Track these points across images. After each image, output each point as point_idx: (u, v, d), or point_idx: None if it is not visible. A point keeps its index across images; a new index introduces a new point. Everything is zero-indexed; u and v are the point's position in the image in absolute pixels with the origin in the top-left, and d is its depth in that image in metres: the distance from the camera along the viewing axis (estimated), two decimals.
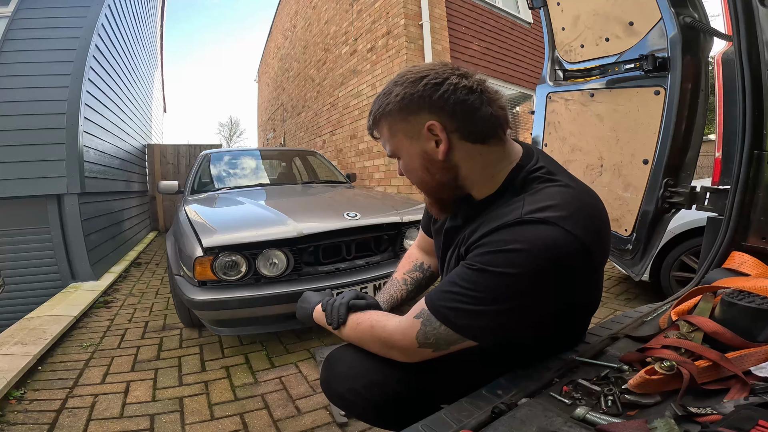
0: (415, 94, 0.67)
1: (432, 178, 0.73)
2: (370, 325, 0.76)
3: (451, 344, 0.67)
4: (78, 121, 3.42)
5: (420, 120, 0.68)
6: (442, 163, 0.70)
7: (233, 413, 1.46)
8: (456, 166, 0.71)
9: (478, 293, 0.62)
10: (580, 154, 1.75)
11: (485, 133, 0.69)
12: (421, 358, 0.69)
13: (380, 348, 0.74)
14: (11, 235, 3.43)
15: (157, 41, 9.04)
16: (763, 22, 1.08)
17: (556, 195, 0.65)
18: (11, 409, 1.49)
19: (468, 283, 0.64)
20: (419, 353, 0.69)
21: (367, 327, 0.76)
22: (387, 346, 0.72)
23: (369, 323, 0.76)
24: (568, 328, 0.80)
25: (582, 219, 0.63)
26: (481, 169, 0.71)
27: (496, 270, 0.61)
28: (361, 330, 0.77)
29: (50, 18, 3.66)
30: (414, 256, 1.07)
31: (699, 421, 0.48)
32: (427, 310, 0.67)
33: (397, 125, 0.71)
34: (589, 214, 0.66)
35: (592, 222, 0.65)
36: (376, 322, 0.75)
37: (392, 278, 1.05)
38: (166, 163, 7.10)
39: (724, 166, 1.25)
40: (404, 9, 4.77)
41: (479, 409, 0.59)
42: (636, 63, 1.45)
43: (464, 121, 0.67)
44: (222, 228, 1.86)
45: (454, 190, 0.74)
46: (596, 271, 0.72)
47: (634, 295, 2.65)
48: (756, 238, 1.11)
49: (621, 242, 1.59)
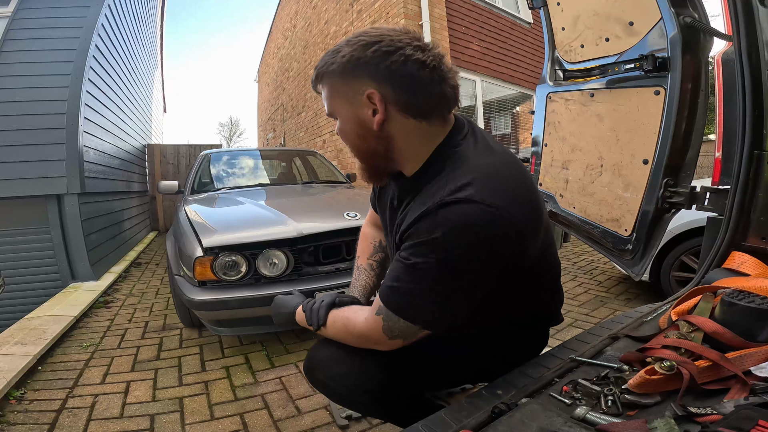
0: (361, 58, 0.65)
1: (364, 145, 0.72)
2: (344, 324, 0.76)
3: (416, 334, 0.68)
4: (78, 121, 3.41)
5: (361, 86, 0.66)
6: (376, 132, 0.69)
7: (233, 413, 1.46)
8: (390, 138, 0.69)
9: (417, 286, 0.65)
10: (580, 154, 1.75)
11: (428, 111, 0.67)
12: (397, 346, 0.71)
13: (359, 343, 0.75)
14: (11, 235, 3.43)
15: (157, 41, 9.04)
16: (763, 22, 1.08)
17: (475, 169, 0.65)
18: (11, 409, 1.49)
19: (406, 278, 0.65)
20: (393, 344, 0.70)
21: (341, 325, 0.77)
22: (363, 341, 0.74)
23: (342, 321, 0.77)
24: (531, 296, 0.80)
25: (502, 190, 0.63)
26: (416, 145, 0.70)
27: (427, 261, 0.62)
28: (338, 328, 0.78)
29: (50, 18, 3.66)
30: (371, 236, 1.06)
31: (699, 421, 0.48)
32: (383, 306, 0.68)
33: (338, 86, 0.69)
34: (509, 184, 0.66)
35: (513, 191, 0.65)
36: (347, 320, 0.76)
37: (357, 265, 1.03)
38: (166, 163, 7.09)
39: (724, 166, 1.25)
40: (404, 9, 4.77)
41: (479, 409, 0.59)
42: (636, 63, 1.45)
43: (407, 95, 0.65)
44: (222, 228, 1.86)
45: (387, 162, 0.73)
46: (534, 236, 0.70)
47: (634, 295, 2.65)
48: (756, 238, 1.11)
49: (621, 242, 1.59)
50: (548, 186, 1.92)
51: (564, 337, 1.96)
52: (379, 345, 0.72)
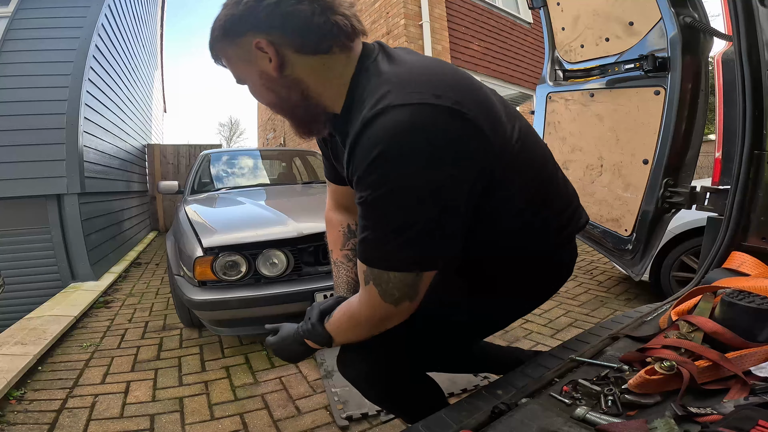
0: (236, 14, 0.63)
1: (278, 98, 0.69)
2: (347, 321, 0.73)
3: (417, 284, 0.62)
4: (78, 121, 3.42)
5: (247, 41, 0.64)
6: (279, 79, 0.66)
7: (233, 413, 1.46)
8: (299, 81, 0.66)
9: (385, 225, 0.59)
10: (580, 154, 1.75)
11: (322, 43, 0.63)
12: (410, 310, 0.66)
13: (372, 329, 0.71)
14: (11, 235, 3.43)
15: (157, 41, 9.03)
16: (763, 22, 1.08)
17: (389, 78, 0.61)
18: (11, 409, 1.49)
19: (371, 223, 0.60)
20: (403, 309, 0.65)
21: (346, 325, 0.74)
22: (374, 324, 0.69)
23: (345, 318, 0.73)
24: (530, 212, 0.73)
25: (424, 83, 0.58)
26: (327, 81, 0.67)
27: (379, 192, 0.57)
28: (345, 328, 0.75)
29: (50, 18, 3.66)
30: (336, 222, 0.98)
31: (699, 421, 0.48)
32: (368, 269, 0.63)
33: (230, 50, 0.67)
34: (430, 77, 0.60)
35: (438, 81, 0.60)
36: (346, 315, 0.73)
37: (333, 261, 0.97)
38: (166, 163, 7.09)
39: (724, 166, 1.25)
40: (404, 9, 4.78)
41: (479, 409, 0.59)
42: (636, 63, 1.45)
43: (294, 33, 0.62)
44: (222, 228, 1.86)
45: (307, 108, 0.69)
46: (494, 131, 0.62)
47: (634, 295, 2.65)
48: (756, 238, 1.11)
49: (621, 242, 1.59)
50: None
51: (564, 337, 1.96)
52: (392, 317, 0.66)
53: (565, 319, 2.26)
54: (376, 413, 1.38)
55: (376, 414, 1.38)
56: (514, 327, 2.17)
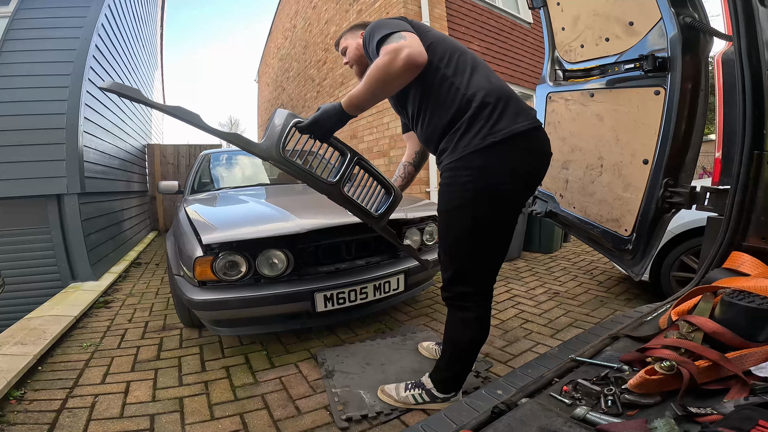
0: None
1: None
2: (370, 71, 1.08)
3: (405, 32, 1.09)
4: (78, 121, 3.41)
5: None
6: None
7: (233, 413, 1.46)
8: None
9: (384, 23, 1.15)
10: (580, 154, 1.75)
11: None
12: (422, 58, 1.06)
13: (384, 68, 1.06)
14: (11, 235, 3.42)
15: (157, 41, 9.03)
16: (763, 22, 1.08)
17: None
18: (11, 409, 1.49)
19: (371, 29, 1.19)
20: (417, 55, 1.04)
21: (368, 74, 1.09)
22: (385, 62, 1.05)
23: (368, 71, 1.09)
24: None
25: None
26: None
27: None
28: (366, 79, 1.09)
29: (50, 18, 3.66)
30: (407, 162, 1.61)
31: (699, 421, 0.48)
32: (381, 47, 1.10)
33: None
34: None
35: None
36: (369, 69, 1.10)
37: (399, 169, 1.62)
38: (166, 163, 7.09)
39: (724, 166, 1.25)
40: (404, 9, 4.77)
41: (479, 409, 0.59)
42: (636, 63, 1.45)
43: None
44: (222, 226, 1.85)
45: None
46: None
47: (634, 295, 2.65)
48: (756, 238, 1.11)
49: (621, 242, 1.59)
50: (548, 186, 1.92)
51: (564, 337, 1.96)
52: (397, 51, 1.04)
53: (565, 319, 2.26)
54: (375, 414, 1.38)
55: (376, 415, 1.38)
56: (514, 327, 2.17)
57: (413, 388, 1.41)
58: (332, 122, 1.15)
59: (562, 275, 3.24)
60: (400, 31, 1.08)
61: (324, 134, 1.19)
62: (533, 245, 4.19)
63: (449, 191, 1.15)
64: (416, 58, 1.02)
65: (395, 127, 4.86)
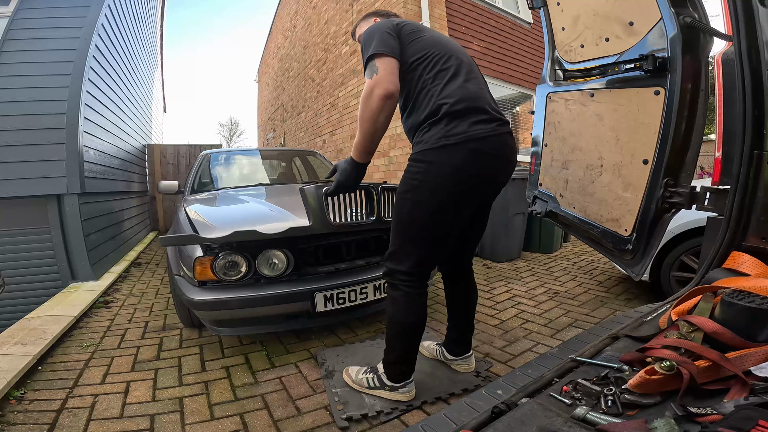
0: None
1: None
2: (360, 105, 1.21)
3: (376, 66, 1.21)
4: (78, 121, 3.41)
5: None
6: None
7: (233, 413, 1.46)
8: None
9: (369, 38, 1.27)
10: (580, 154, 1.74)
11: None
12: (381, 80, 1.18)
13: (367, 100, 1.19)
14: (11, 235, 3.42)
15: (157, 41, 9.03)
16: (763, 22, 1.08)
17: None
18: (11, 409, 1.49)
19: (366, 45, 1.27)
20: (386, 89, 1.18)
21: (359, 109, 1.22)
22: (367, 94, 1.19)
23: (359, 109, 1.23)
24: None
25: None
26: None
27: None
28: (359, 117, 1.23)
29: (50, 18, 3.65)
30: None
31: (699, 421, 0.48)
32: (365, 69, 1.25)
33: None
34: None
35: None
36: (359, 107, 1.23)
37: None
38: (166, 163, 7.09)
39: (724, 166, 1.25)
40: (404, 9, 4.77)
41: (479, 409, 0.59)
42: (636, 63, 1.45)
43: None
44: (222, 225, 1.85)
45: None
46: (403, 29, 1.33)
47: (634, 295, 2.65)
48: (756, 238, 1.11)
49: (621, 242, 1.59)
50: (548, 186, 1.92)
51: (564, 337, 1.96)
52: (374, 85, 1.18)
53: (565, 319, 2.26)
54: (376, 414, 1.38)
55: (376, 414, 1.38)
56: (514, 327, 2.17)
57: (368, 372, 1.51)
58: (353, 176, 1.34)
59: (562, 275, 3.24)
60: (378, 54, 1.22)
61: (350, 188, 1.38)
62: (533, 245, 4.19)
63: (404, 178, 1.30)
64: (385, 91, 1.17)
65: (395, 127, 4.86)
